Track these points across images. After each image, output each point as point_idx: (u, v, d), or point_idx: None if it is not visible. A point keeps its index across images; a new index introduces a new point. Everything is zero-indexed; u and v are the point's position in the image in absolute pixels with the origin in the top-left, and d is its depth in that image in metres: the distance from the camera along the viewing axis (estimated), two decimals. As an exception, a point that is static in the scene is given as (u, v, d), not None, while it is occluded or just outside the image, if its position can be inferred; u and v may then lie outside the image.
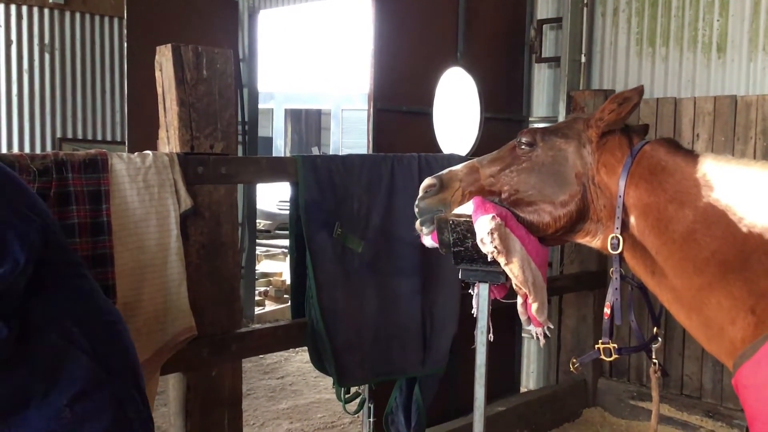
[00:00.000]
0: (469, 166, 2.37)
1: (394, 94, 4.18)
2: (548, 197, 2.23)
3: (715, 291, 1.97)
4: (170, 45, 2.83)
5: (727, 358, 1.99)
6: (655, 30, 5.02)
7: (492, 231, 2.11)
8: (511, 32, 5.22)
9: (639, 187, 2.12)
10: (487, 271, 2.29)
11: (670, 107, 4.75)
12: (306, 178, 3.28)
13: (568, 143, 2.24)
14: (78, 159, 2.60)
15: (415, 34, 4.35)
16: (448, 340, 3.77)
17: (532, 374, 5.67)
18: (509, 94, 5.21)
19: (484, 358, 2.38)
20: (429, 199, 2.35)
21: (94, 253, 2.61)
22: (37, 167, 2.50)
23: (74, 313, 1.95)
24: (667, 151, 2.14)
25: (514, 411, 4.61)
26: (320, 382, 5.91)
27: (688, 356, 4.76)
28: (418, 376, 3.73)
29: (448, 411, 4.45)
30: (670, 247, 2.06)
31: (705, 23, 4.79)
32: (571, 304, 5.14)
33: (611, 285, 2.23)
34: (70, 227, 2.57)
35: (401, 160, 3.66)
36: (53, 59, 7.30)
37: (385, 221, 3.53)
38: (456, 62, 4.61)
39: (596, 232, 2.23)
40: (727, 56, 4.70)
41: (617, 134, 2.21)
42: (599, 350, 2.30)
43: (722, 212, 1.99)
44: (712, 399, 4.68)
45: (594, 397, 5.16)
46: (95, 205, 2.62)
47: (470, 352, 2.61)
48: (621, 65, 5.19)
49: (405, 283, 3.61)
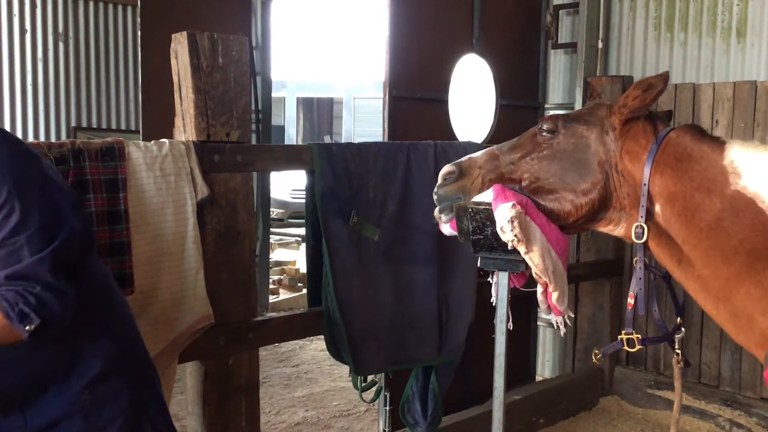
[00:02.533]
0: (488, 153, 2.34)
1: (410, 82, 4.15)
2: (570, 185, 2.19)
3: (744, 281, 1.93)
4: (185, 32, 2.81)
5: (757, 350, 1.95)
6: (674, 15, 4.95)
7: (512, 219, 2.09)
8: (526, 18, 5.17)
9: (665, 175, 2.08)
10: (507, 260, 2.26)
11: (688, 93, 4.69)
12: (322, 167, 3.26)
13: (591, 130, 2.20)
14: (95, 147, 2.60)
15: (430, 20, 4.32)
16: (464, 329, 3.76)
17: (548, 363, 5.65)
18: (525, 80, 5.16)
19: (503, 348, 2.36)
20: (448, 186, 2.32)
21: (112, 242, 2.61)
22: (54, 156, 2.50)
23: (93, 295, 1.95)
24: (693, 138, 2.10)
25: (530, 400, 4.59)
26: (335, 370, 5.92)
27: (706, 345, 4.72)
28: (434, 365, 3.72)
29: (464, 399, 4.44)
30: (697, 236, 2.02)
31: (724, 8, 4.72)
32: (588, 293, 5.10)
33: (635, 275, 2.20)
34: (87, 215, 2.57)
35: (417, 147, 3.63)
36: (67, 48, 7.31)
37: (401, 209, 3.50)
38: (471, 49, 4.57)
39: (619, 220, 2.20)
40: (747, 41, 4.63)
41: (641, 121, 2.17)
42: (622, 341, 2.27)
43: (750, 200, 1.95)
44: (730, 387, 4.64)
45: (610, 386, 5.13)
46: (112, 193, 2.61)
47: (486, 341, 2.59)
48: (639, 51, 5.13)
49: (421, 271, 3.59)
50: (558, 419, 4.77)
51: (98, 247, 2.59)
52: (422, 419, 3.76)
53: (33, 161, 1.85)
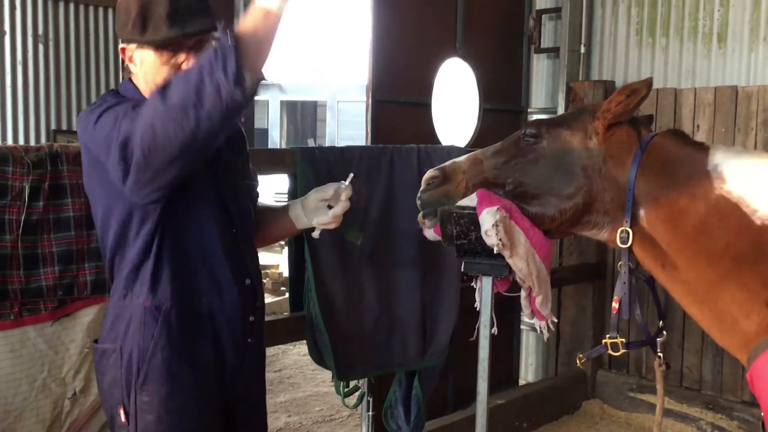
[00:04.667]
0: (472, 157, 2.34)
1: (393, 85, 4.14)
2: (554, 190, 2.19)
3: (729, 284, 1.94)
4: (166, 35, 2.78)
5: (740, 352, 1.96)
6: (655, 20, 4.98)
7: (497, 223, 2.08)
8: (510, 22, 5.18)
9: (649, 180, 2.09)
10: (491, 264, 2.25)
11: (670, 98, 4.72)
12: (304, 171, 3.24)
13: (574, 135, 2.20)
14: (73, 151, 2.56)
15: (413, 24, 4.31)
16: (447, 333, 3.74)
17: (531, 366, 5.66)
18: (508, 84, 5.17)
19: (487, 352, 2.35)
20: (432, 191, 2.31)
21: (89, 247, 2.58)
22: (32, 159, 2.46)
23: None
24: (677, 143, 2.11)
25: (514, 404, 4.59)
26: (318, 375, 5.88)
27: (688, 348, 4.74)
28: (417, 370, 3.71)
29: (447, 403, 4.43)
30: (683, 240, 2.03)
31: (705, 13, 4.75)
32: (571, 296, 5.12)
33: (619, 279, 2.20)
34: (65, 220, 2.54)
35: (400, 151, 3.62)
36: (47, 50, 7.22)
37: (385, 213, 3.49)
38: (455, 53, 4.57)
39: (603, 224, 2.20)
40: (728, 46, 4.67)
41: (624, 126, 2.18)
42: (606, 345, 2.27)
43: (735, 204, 1.96)
44: (711, 391, 4.67)
45: (593, 390, 5.14)
46: (91, 197, 2.58)
47: (469, 345, 2.58)
48: (621, 56, 5.16)
49: (404, 275, 3.58)
50: (541, 423, 4.78)
51: (76, 251, 2.57)
52: (405, 424, 3.74)
53: None
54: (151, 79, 2.01)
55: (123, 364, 2.01)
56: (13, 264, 2.45)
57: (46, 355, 2.55)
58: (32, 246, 2.48)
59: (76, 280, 2.58)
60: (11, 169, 2.42)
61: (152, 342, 1.99)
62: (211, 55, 1.71)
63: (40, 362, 2.54)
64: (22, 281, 2.47)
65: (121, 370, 2.02)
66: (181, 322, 2.03)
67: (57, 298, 2.55)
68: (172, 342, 2.01)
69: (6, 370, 2.45)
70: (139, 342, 2.00)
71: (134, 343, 2.01)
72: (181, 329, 2.03)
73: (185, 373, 2.03)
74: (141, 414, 2.00)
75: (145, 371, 1.99)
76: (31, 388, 2.52)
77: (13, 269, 2.45)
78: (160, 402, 1.99)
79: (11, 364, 2.47)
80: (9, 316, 2.46)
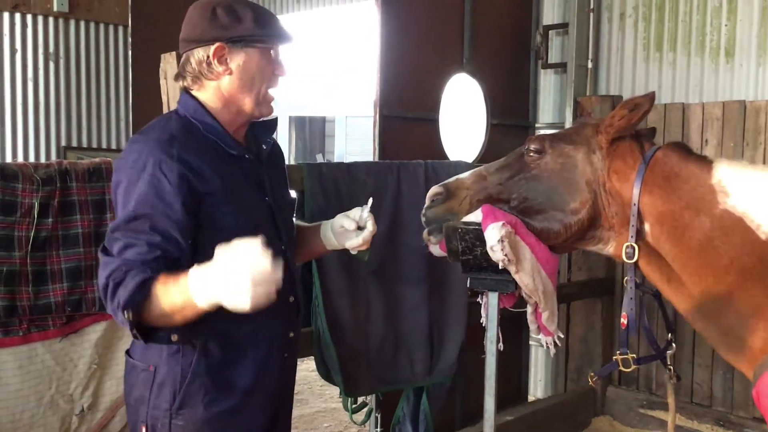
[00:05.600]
0: (476, 174, 2.34)
1: (400, 101, 4.15)
2: (558, 205, 2.19)
3: (735, 299, 1.93)
4: (174, 53, 2.80)
5: (747, 368, 1.95)
6: (663, 35, 4.98)
7: (502, 239, 2.08)
8: (517, 38, 5.20)
9: (653, 195, 2.08)
10: (497, 280, 2.25)
11: (678, 113, 4.71)
12: (312, 187, 3.25)
13: (577, 150, 2.20)
14: (82, 168, 2.58)
15: (420, 40, 4.33)
16: (455, 349, 3.74)
17: (540, 382, 5.62)
18: (515, 100, 5.17)
19: (494, 369, 2.34)
20: (436, 208, 2.31)
21: (98, 263, 2.58)
22: (41, 176, 2.48)
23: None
24: (680, 157, 2.11)
25: (522, 420, 4.55)
26: (326, 391, 5.86)
27: (699, 364, 4.70)
28: (425, 386, 3.69)
29: (454, 420, 4.40)
30: (688, 255, 2.02)
31: (713, 28, 4.75)
32: (579, 312, 5.09)
33: (626, 294, 2.19)
34: (74, 237, 2.56)
35: (407, 167, 3.63)
36: (58, 67, 7.29)
37: (392, 229, 3.49)
38: (462, 68, 4.59)
39: (608, 239, 2.20)
40: (736, 61, 4.66)
41: (627, 140, 2.18)
42: (617, 362, 2.26)
43: (739, 219, 1.96)
44: (722, 407, 4.62)
45: (603, 406, 5.10)
46: (99, 214, 2.60)
47: (477, 361, 2.57)
48: (628, 71, 5.15)
49: (412, 291, 3.57)
50: (551, 440, 4.74)
51: (84, 267, 2.58)
52: (413, 441, 3.72)
53: None
54: (248, 78, 1.99)
55: (154, 386, 1.99)
56: (22, 280, 2.47)
57: (54, 372, 2.56)
58: (41, 262, 2.50)
59: (85, 296, 2.59)
60: (21, 186, 2.45)
61: (190, 369, 1.96)
62: (116, 305, 1.80)
63: (48, 378, 2.55)
64: (30, 297, 2.48)
65: (150, 391, 1.99)
66: (218, 348, 1.99)
67: (65, 315, 2.56)
68: (210, 369, 1.98)
69: (14, 387, 2.46)
70: (176, 368, 1.97)
71: (169, 368, 1.97)
72: (218, 356, 2.00)
73: (222, 397, 2.00)
74: None
75: (182, 397, 1.97)
76: (39, 405, 2.53)
77: (22, 285, 2.47)
78: (195, 426, 1.97)
79: (20, 380, 2.48)
80: (18, 332, 2.47)
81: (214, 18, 1.98)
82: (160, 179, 1.85)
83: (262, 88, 2.03)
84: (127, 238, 1.84)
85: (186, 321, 1.81)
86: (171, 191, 1.85)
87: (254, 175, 2.08)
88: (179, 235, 1.85)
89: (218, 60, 1.98)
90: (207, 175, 1.92)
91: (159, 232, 1.83)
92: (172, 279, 1.76)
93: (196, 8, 2.05)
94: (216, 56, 1.98)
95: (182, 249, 1.85)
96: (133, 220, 1.84)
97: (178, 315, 1.79)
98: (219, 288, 1.68)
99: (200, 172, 1.91)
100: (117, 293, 1.78)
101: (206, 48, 1.98)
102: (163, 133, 1.95)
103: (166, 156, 1.87)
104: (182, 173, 1.87)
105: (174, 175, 1.86)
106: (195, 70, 2.01)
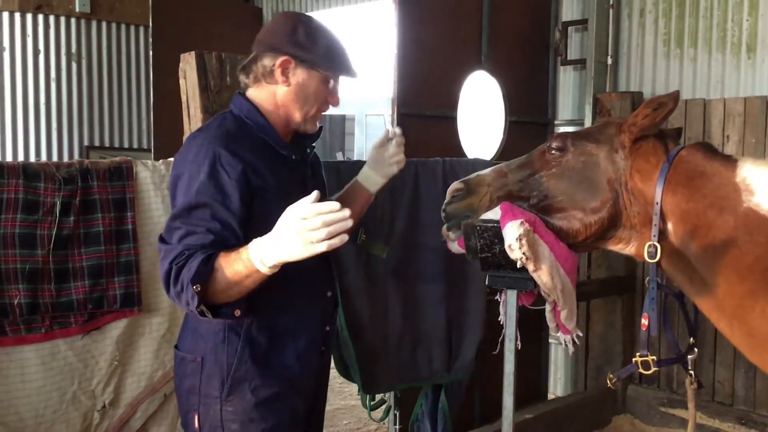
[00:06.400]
0: (497, 170, 2.34)
1: (418, 99, 4.14)
2: (579, 203, 2.18)
3: (759, 299, 1.91)
4: (194, 52, 2.83)
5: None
6: (683, 31, 4.93)
7: (521, 237, 2.07)
8: (535, 34, 5.17)
9: (677, 194, 2.06)
10: (515, 278, 2.25)
11: (699, 109, 4.66)
12: (329, 185, 3.26)
13: (600, 148, 2.19)
14: (103, 167, 2.61)
15: (438, 37, 4.32)
16: (473, 347, 3.73)
17: (560, 381, 5.59)
18: (534, 97, 5.15)
19: (512, 367, 2.34)
20: (456, 204, 2.31)
21: (119, 261, 2.62)
22: (63, 176, 2.51)
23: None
24: (705, 156, 2.08)
25: (542, 419, 4.53)
26: (345, 389, 5.87)
27: (720, 362, 4.66)
28: (443, 383, 3.69)
29: (473, 418, 4.40)
30: (711, 254, 2.00)
31: (734, 23, 4.70)
32: (599, 310, 5.05)
33: (648, 295, 2.17)
34: (95, 235, 2.58)
35: (425, 165, 3.62)
36: (80, 68, 7.37)
37: (410, 227, 3.49)
38: (480, 65, 4.57)
39: (629, 239, 2.18)
40: (757, 56, 4.60)
41: (651, 139, 2.16)
42: (637, 363, 2.24)
43: (764, 217, 1.93)
44: (744, 406, 4.58)
45: (623, 405, 5.06)
46: (120, 212, 2.63)
47: (496, 359, 2.57)
48: (648, 67, 5.11)
49: (430, 289, 3.57)
50: (570, 438, 4.71)
51: (105, 265, 2.61)
52: (432, 439, 3.72)
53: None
54: (303, 98, 2.14)
55: (203, 375, 2.11)
56: (45, 278, 2.50)
57: (76, 368, 2.59)
58: (63, 260, 2.53)
59: (106, 293, 2.62)
60: (43, 185, 2.48)
61: (236, 357, 2.08)
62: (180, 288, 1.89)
63: (70, 375, 2.58)
64: (53, 295, 2.51)
65: (200, 381, 2.12)
66: (263, 337, 2.11)
67: (87, 312, 2.59)
68: (256, 356, 2.10)
69: (37, 383, 2.50)
70: (222, 357, 2.09)
71: (216, 357, 2.10)
72: (263, 344, 2.11)
73: (266, 384, 2.12)
74: (227, 424, 2.10)
75: (230, 384, 2.09)
76: (61, 401, 2.56)
77: (44, 283, 2.50)
78: (244, 411, 2.09)
79: (42, 376, 2.51)
80: (40, 329, 2.51)
81: (293, 34, 2.12)
82: (220, 172, 1.97)
83: (312, 109, 2.18)
84: (188, 226, 1.95)
85: (248, 292, 1.91)
86: (230, 183, 1.97)
87: (299, 175, 2.22)
88: (236, 224, 1.97)
89: (282, 71, 2.13)
90: (261, 171, 2.04)
91: (218, 220, 1.95)
92: (234, 252, 1.88)
93: (282, 17, 2.23)
94: (281, 67, 2.12)
95: (239, 238, 1.96)
96: (194, 208, 1.96)
97: (241, 285, 1.88)
98: (281, 246, 1.78)
99: (255, 167, 2.03)
100: (180, 275, 1.88)
101: (275, 57, 2.13)
102: (220, 130, 2.08)
103: (225, 150, 1.99)
104: (240, 167, 1.99)
105: (232, 168, 1.98)
106: (258, 71, 2.15)
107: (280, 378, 2.14)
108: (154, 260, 2.68)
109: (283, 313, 2.13)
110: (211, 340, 2.10)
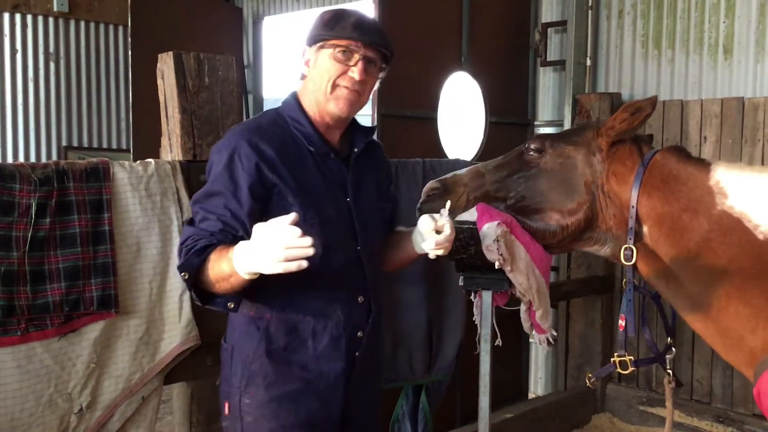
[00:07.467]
0: (473, 170, 2.35)
1: (399, 99, 4.15)
2: (556, 205, 2.20)
3: (733, 299, 1.93)
4: (171, 52, 2.81)
5: (746, 368, 1.95)
6: (661, 32, 4.98)
7: (498, 238, 2.09)
8: (515, 36, 5.20)
9: (652, 197, 2.09)
10: (491, 279, 2.26)
11: (676, 110, 4.71)
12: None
13: (578, 151, 2.21)
14: (79, 168, 2.59)
15: (418, 38, 4.33)
16: (454, 347, 3.74)
17: (541, 380, 5.63)
18: (514, 97, 5.18)
19: (488, 368, 2.35)
20: (432, 203, 2.32)
21: (96, 262, 2.60)
22: (38, 177, 2.48)
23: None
24: (678, 160, 2.11)
25: (522, 418, 4.56)
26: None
27: (698, 361, 4.71)
28: (424, 384, 3.70)
29: (454, 418, 4.41)
30: (686, 256, 2.03)
31: (711, 25, 4.75)
32: (579, 309, 5.09)
33: (625, 296, 2.19)
34: (71, 236, 2.56)
35: (405, 165, 3.63)
36: (58, 68, 7.31)
37: (390, 227, 3.49)
38: (460, 66, 4.59)
39: (605, 241, 2.20)
40: (734, 58, 4.66)
41: (627, 143, 2.19)
42: (615, 363, 2.26)
43: (737, 220, 1.96)
44: (722, 404, 4.63)
45: (603, 403, 5.10)
46: (97, 213, 2.60)
47: (477, 358, 2.58)
48: (627, 68, 5.15)
49: (410, 290, 3.58)
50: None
51: (82, 267, 2.59)
52: (412, 439, 3.73)
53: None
54: (319, 77, 2.12)
55: (232, 364, 2.17)
56: (20, 280, 2.47)
57: (53, 371, 2.56)
58: (39, 262, 2.50)
59: (83, 295, 2.59)
60: (18, 186, 2.45)
61: (253, 350, 2.12)
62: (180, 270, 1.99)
63: (47, 378, 2.55)
64: (29, 297, 2.48)
65: (230, 369, 2.18)
66: (280, 334, 2.12)
67: (63, 314, 2.56)
68: (271, 352, 2.11)
69: (13, 386, 2.47)
70: (244, 348, 2.14)
71: (241, 347, 2.15)
72: (280, 341, 2.12)
73: (280, 381, 2.12)
74: (244, 415, 2.12)
75: (248, 376, 2.13)
76: (37, 404, 2.53)
77: (20, 285, 2.47)
78: (258, 406, 2.11)
79: (18, 379, 2.48)
80: (16, 332, 2.47)
81: (320, 21, 2.17)
82: (236, 163, 2.04)
83: (328, 85, 2.13)
84: (204, 212, 2.05)
85: (235, 290, 1.95)
86: (242, 175, 2.03)
87: (337, 174, 2.18)
88: (245, 216, 2.01)
89: (305, 61, 2.18)
90: (277, 166, 2.06)
91: (229, 209, 2.02)
92: (226, 250, 1.92)
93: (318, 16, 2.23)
94: (304, 57, 2.18)
95: (246, 228, 1.97)
96: (211, 196, 2.06)
97: (227, 282, 1.93)
98: (251, 256, 1.81)
99: (272, 162, 2.05)
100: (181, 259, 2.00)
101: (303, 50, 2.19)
102: (252, 123, 2.17)
103: (244, 143, 2.05)
104: (254, 160, 2.03)
105: (248, 161, 2.03)
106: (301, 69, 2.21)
107: (295, 377, 2.12)
108: (131, 262, 2.66)
109: (303, 313, 2.13)
110: (237, 330, 2.17)
